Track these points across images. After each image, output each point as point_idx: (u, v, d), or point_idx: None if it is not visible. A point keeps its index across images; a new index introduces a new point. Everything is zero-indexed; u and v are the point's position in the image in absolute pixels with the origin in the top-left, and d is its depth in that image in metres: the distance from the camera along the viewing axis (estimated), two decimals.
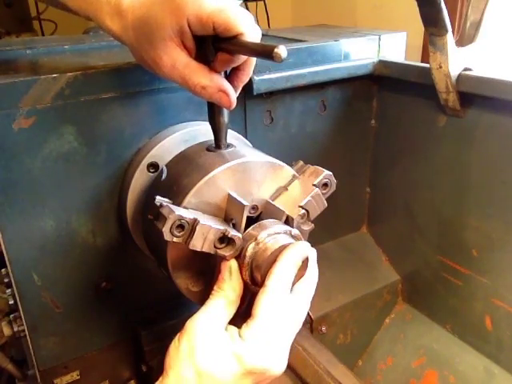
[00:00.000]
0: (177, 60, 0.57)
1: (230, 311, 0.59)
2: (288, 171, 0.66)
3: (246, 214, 0.60)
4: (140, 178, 0.72)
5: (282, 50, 0.52)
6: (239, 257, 0.59)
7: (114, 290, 0.79)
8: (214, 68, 0.59)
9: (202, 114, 0.78)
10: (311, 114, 0.95)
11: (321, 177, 0.65)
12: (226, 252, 0.58)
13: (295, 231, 0.62)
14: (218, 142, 0.66)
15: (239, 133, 0.79)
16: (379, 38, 0.97)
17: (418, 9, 0.75)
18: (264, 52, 0.54)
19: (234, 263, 0.60)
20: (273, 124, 0.90)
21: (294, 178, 0.66)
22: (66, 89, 0.65)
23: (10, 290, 0.76)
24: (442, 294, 1.01)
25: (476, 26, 0.82)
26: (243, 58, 0.60)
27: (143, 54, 0.59)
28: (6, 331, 0.82)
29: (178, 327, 0.56)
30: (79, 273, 0.76)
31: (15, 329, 0.78)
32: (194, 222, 0.56)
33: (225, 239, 0.58)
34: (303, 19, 2.68)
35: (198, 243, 0.56)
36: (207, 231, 0.56)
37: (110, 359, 0.85)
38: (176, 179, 0.65)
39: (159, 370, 0.56)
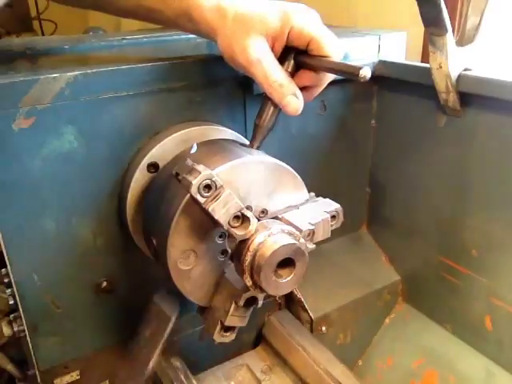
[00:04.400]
0: (265, 56, 0.64)
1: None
2: (304, 194, 0.68)
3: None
4: (140, 178, 0.72)
5: (366, 71, 0.58)
6: (240, 256, 0.59)
7: (114, 290, 0.79)
8: (295, 82, 0.66)
9: (202, 115, 0.78)
10: (311, 114, 0.95)
11: (332, 207, 0.67)
12: (238, 231, 0.59)
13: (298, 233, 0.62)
14: (252, 141, 0.69)
15: (239, 133, 0.79)
16: (379, 38, 0.97)
17: (417, 9, 0.75)
18: (348, 71, 0.61)
19: None
20: None
21: (306, 201, 0.69)
22: (65, 89, 0.65)
23: (10, 289, 0.76)
24: (442, 294, 1.01)
25: (476, 26, 0.82)
26: (327, 79, 0.68)
27: (234, 42, 0.65)
28: (6, 331, 0.82)
29: (177, 327, 0.56)
30: (79, 273, 0.76)
31: (15, 329, 0.78)
32: (222, 188, 0.57)
33: (240, 218, 0.59)
34: None
35: (218, 210, 0.57)
36: (230, 201, 0.57)
37: (109, 359, 0.85)
38: (205, 156, 0.65)
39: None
